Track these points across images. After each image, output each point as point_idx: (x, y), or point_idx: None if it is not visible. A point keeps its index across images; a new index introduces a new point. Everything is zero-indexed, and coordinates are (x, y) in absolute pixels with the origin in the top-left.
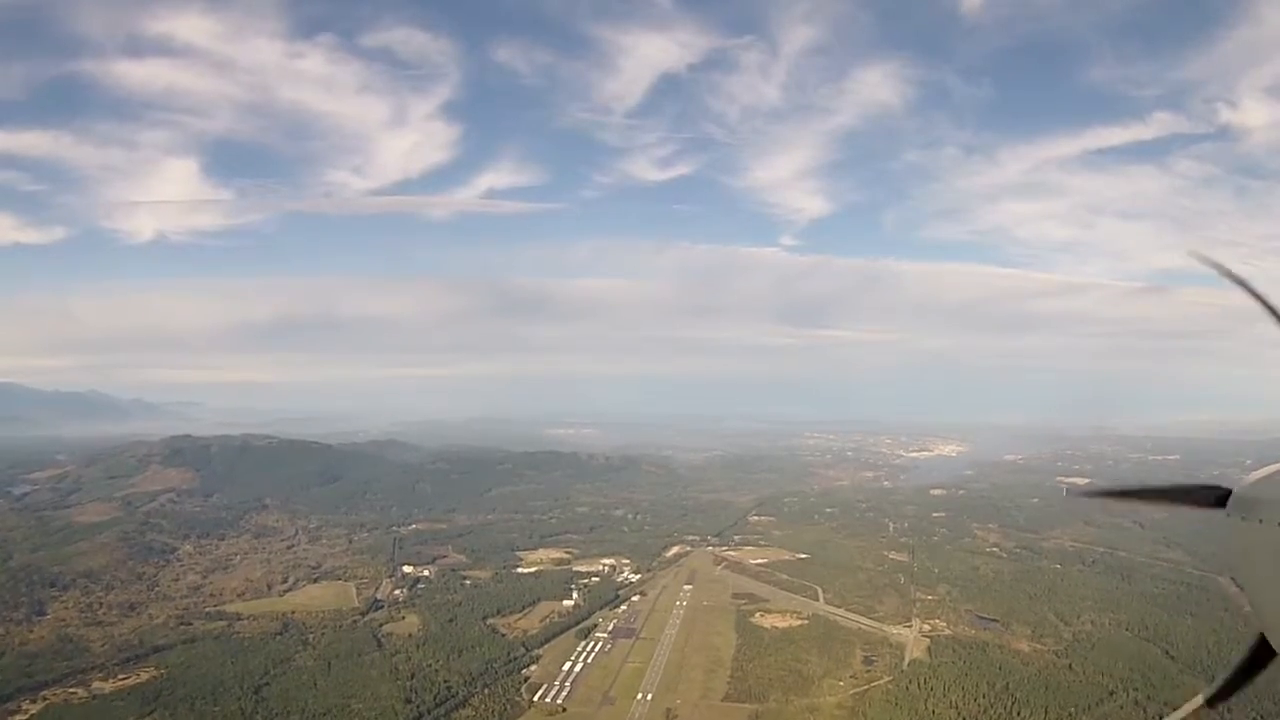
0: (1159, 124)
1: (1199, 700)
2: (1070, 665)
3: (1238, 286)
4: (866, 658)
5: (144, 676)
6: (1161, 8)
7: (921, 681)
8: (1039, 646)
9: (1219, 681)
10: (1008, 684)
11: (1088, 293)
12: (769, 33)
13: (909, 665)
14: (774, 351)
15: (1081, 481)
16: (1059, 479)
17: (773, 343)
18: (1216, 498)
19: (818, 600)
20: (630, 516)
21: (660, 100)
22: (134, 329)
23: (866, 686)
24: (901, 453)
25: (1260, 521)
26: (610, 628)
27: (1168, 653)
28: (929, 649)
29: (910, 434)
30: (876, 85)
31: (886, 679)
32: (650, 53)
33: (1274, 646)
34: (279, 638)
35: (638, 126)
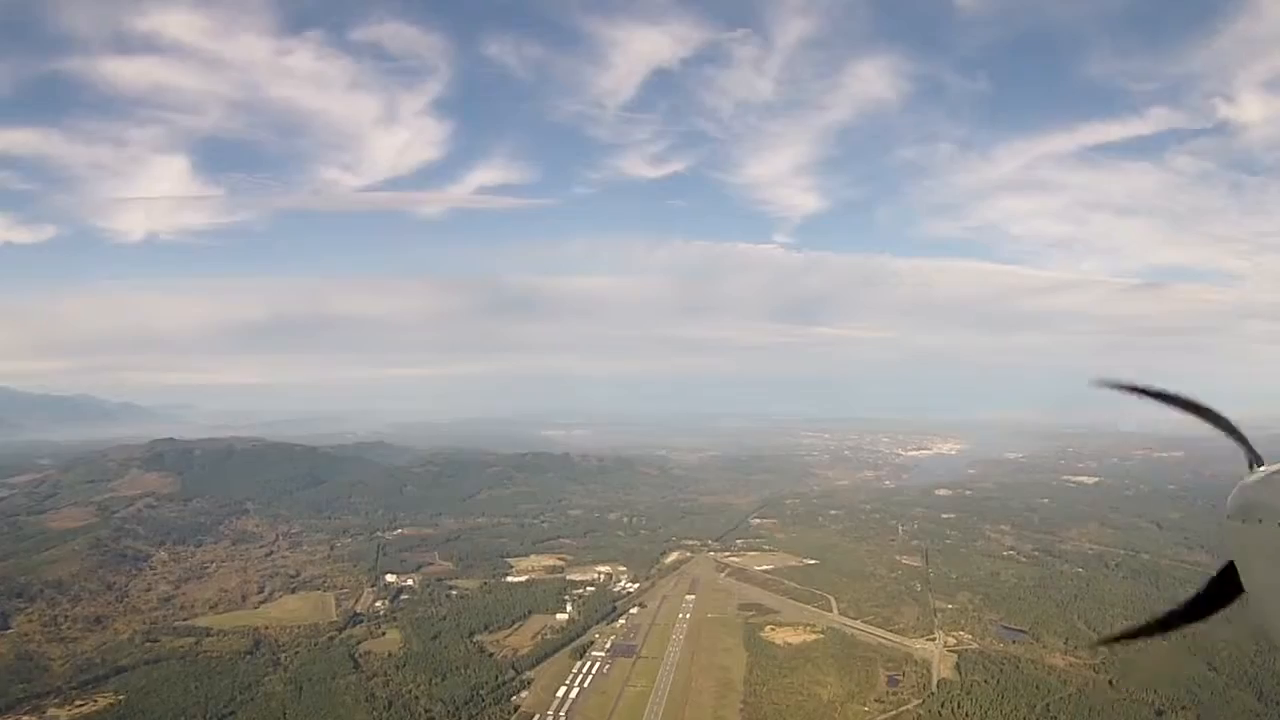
0: (1155, 119)
1: (1151, 622)
2: (1110, 682)
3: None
4: (890, 677)
5: (102, 703)
6: (1159, 1)
7: (955, 705)
8: (1074, 661)
9: (1173, 607)
10: (1048, 705)
11: (1083, 289)
12: (763, 26)
13: (938, 686)
14: (769, 349)
15: (1089, 480)
16: (1064, 477)
17: (768, 340)
18: (1224, 575)
19: (831, 611)
20: (626, 520)
21: (653, 95)
22: (125, 330)
23: (895, 712)
24: (901, 451)
25: (1260, 522)
26: (608, 645)
27: (1210, 664)
28: (957, 666)
29: (908, 432)
30: (871, 80)
31: (916, 702)
32: (643, 47)
33: (1275, 645)
34: (249, 657)
35: (630, 121)
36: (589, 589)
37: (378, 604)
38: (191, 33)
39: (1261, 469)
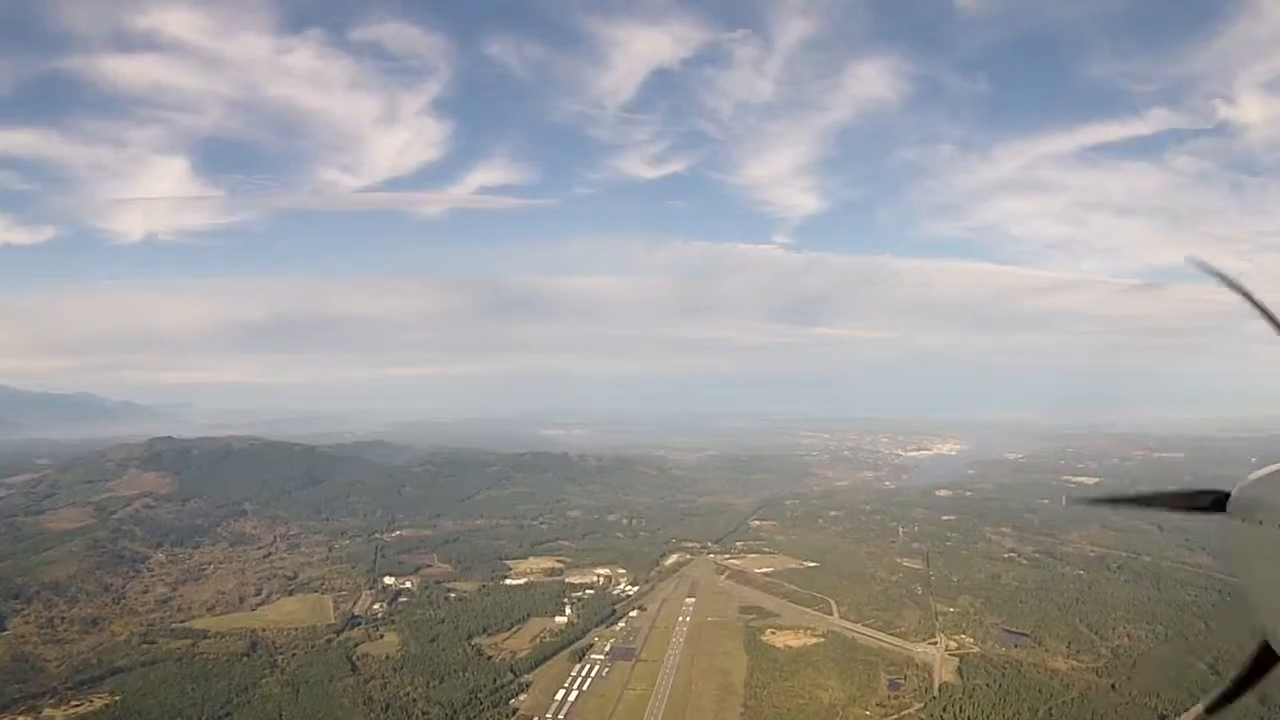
0: (1155, 120)
1: (1200, 708)
2: (1113, 686)
3: (1236, 292)
4: (892, 681)
5: (97, 704)
6: (1160, 2)
7: (956, 709)
8: (1076, 664)
9: (1220, 688)
10: (1050, 710)
11: (1083, 290)
12: (763, 26)
13: (940, 690)
14: (769, 349)
15: (1089, 481)
16: (1064, 478)
17: (768, 340)
18: (1214, 501)
19: (831, 614)
20: (625, 521)
21: (653, 95)
22: (124, 330)
23: (897, 716)
24: (900, 451)
25: (1260, 523)
26: (607, 648)
27: (1213, 668)
28: (959, 670)
29: (907, 432)
30: (872, 80)
31: (917, 706)
32: (643, 47)
33: (1275, 650)
34: (245, 659)
35: (630, 122)
36: (588, 592)
37: (376, 606)
38: (191, 31)
39: (1262, 469)
